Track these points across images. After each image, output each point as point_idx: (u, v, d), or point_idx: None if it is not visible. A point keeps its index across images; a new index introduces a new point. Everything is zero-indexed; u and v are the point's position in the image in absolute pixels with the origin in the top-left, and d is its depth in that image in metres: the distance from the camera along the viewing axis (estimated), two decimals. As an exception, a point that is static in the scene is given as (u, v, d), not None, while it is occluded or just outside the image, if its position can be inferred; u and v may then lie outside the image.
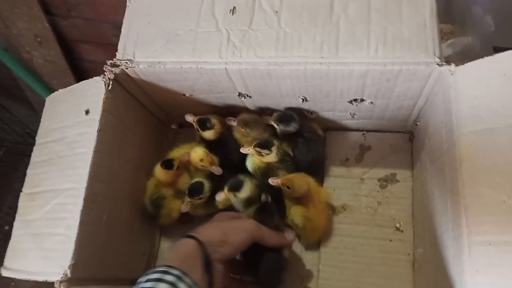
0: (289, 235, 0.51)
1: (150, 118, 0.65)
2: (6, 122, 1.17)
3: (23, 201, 0.52)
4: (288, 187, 0.52)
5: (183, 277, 0.37)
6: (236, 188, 0.54)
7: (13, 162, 1.19)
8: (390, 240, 0.59)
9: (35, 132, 1.32)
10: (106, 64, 0.53)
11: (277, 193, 0.56)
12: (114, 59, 0.53)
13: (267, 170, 0.55)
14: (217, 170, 0.57)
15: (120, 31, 0.88)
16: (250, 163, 0.57)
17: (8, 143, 1.21)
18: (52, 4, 0.98)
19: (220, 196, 0.55)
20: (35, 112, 1.23)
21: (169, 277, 0.36)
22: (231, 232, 0.44)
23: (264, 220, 0.49)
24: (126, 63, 0.52)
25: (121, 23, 1.04)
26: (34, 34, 1.03)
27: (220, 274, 0.43)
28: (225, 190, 0.54)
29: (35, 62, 1.09)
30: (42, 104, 1.32)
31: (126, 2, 0.96)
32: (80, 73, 1.15)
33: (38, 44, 1.05)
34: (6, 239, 0.50)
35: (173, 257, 0.41)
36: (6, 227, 1.11)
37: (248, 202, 0.56)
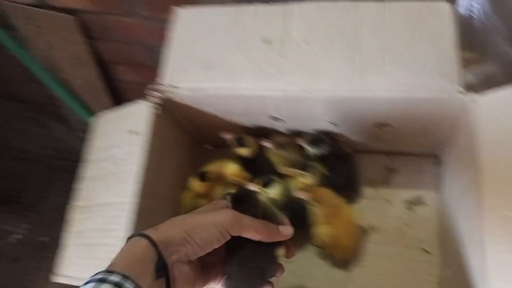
0: (285, 229, 0.43)
1: (187, 138, 0.72)
2: (42, 137, 1.28)
3: (74, 213, 0.60)
4: (315, 202, 0.57)
5: (122, 284, 0.33)
6: (266, 183, 0.60)
7: (49, 176, 1.30)
8: (418, 261, 0.63)
9: (70, 147, 1.42)
10: (150, 88, 0.61)
11: (302, 210, 0.61)
12: (158, 84, 0.61)
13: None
14: (250, 184, 0.63)
15: (153, 53, 0.96)
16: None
17: (44, 157, 1.32)
18: (91, 29, 1.09)
19: (251, 186, 0.61)
20: (70, 129, 1.34)
21: (104, 287, 0.33)
22: (196, 228, 0.39)
23: (245, 210, 0.42)
24: (170, 89, 0.60)
25: (153, 45, 1.15)
26: (73, 56, 1.14)
27: (185, 276, 0.39)
28: (257, 183, 0.61)
29: (73, 82, 1.21)
30: (77, 121, 1.43)
31: (158, 26, 1.06)
32: (114, 92, 1.26)
33: (77, 66, 1.16)
34: (46, 250, 0.57)
35: (119, 260, 0.36)
36: (46, 239, 1.20)
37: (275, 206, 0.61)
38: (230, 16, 0.64)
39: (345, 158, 0.65)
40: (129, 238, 0.39)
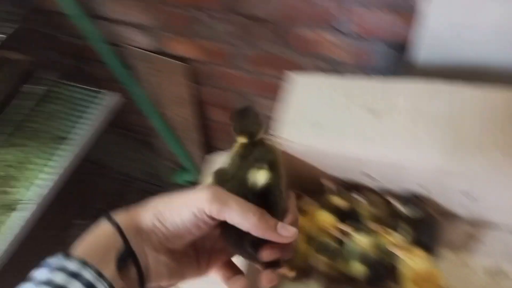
0: (285, 229, 0.34)
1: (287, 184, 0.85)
2: (138, 162, 1.48)
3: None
4: (408, 260, 0.65)
5: (79, 273, 0.30)
6: (357, 230, 0.67)
7: (138, 198, 1.47)
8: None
9: (158, 173, 1.61)
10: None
11: (389, 266, 0.69)
12: (273, 136, 0.75)
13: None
14: (342, 225, 0.70)
15: (244, 100, 1.11)
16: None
17: (136, 180, 1.52)
18: (197, 75, 1.29)
19: (343, 227, 0.68)
20: (160, 158, 1.54)
21: (59, 277, 0.29)
22: (166, 211, 0.34)
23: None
24: (284, 142, 0.73)
25: (246, 93, 1.32)
26: (177, 96, 1.35)
27: (164, 267, 0.35)
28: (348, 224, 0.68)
29: (171, 118, 1.41)
30: (166, 151, 1.62)
31: (253, 79, 1.24)
32: (203, 129, 1.44)
33: (177, 104, 1.36)
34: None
35: (82, 244, 0.33)
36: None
37: (361, 258, 0.67)
38: (337, 84, 0.77)
39: (431, 222, 0.73)
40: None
